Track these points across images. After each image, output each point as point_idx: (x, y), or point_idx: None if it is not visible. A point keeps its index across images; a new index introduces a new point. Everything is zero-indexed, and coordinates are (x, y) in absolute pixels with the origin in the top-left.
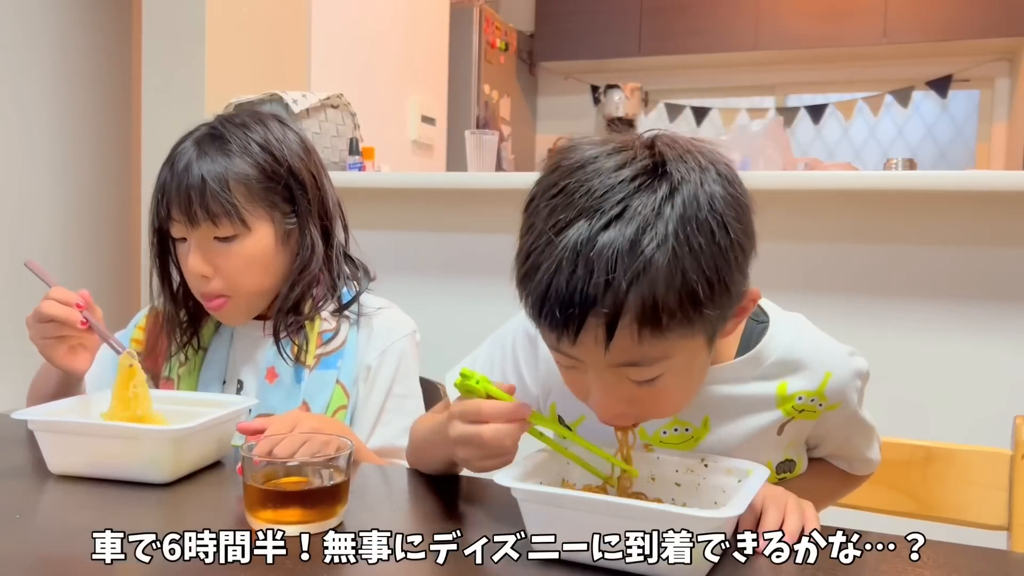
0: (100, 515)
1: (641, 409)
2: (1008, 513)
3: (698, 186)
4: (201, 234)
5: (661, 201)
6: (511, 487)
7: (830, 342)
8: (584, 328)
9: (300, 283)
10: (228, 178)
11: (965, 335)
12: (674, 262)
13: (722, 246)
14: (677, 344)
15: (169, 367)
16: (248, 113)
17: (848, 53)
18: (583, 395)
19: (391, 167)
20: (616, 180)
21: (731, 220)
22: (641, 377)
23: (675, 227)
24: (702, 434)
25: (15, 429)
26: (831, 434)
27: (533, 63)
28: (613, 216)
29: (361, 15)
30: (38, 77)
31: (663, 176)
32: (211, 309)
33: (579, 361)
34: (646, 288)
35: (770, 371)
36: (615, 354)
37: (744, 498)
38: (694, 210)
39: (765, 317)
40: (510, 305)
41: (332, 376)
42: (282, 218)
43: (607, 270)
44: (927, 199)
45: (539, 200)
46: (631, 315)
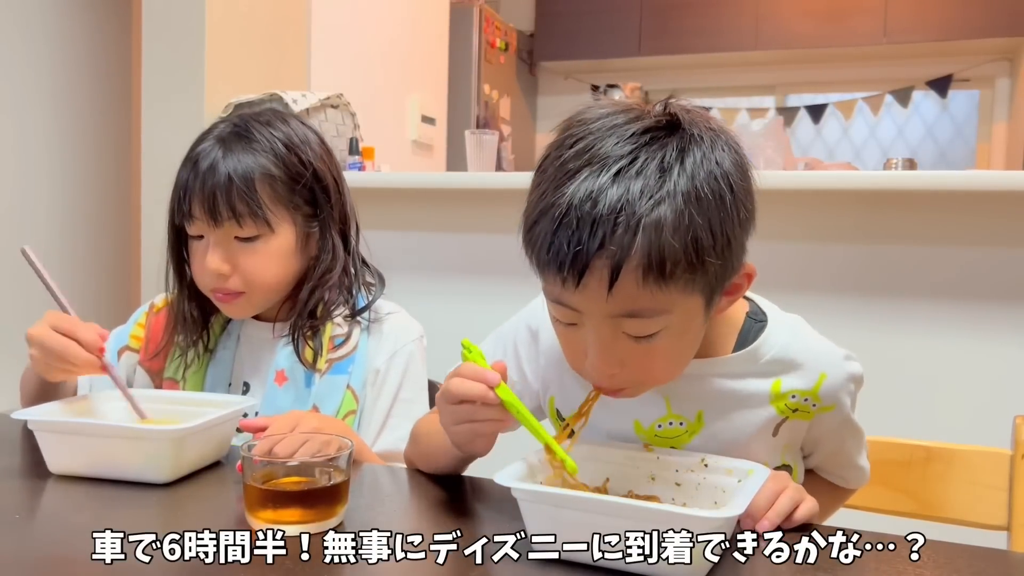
0: (100, 515)
1: (633, 372)
2: (1008, 513)
3: (708, 147)
4: (222, 233)
5: (672, 155)
6: (511, 487)
7: (827, 344)
8: (589, 270)
9: (321, 287)
10: (254, 177)
11: (965, 335)
12: (682, 211)
13: (728, 204)
14: (677, 300)
15: (174, 367)
16: (270, 111)
17: (848, 53)
18: (579, 361)
19: (391, 167)
20: (627, 133)
21: (737, 183)
22: (639, 331)
23: (685, 180)
24: (696, 428)
25: (15, 429)
26: (825, 438)
27: (533, 63)
28: (624, 166)
29: (361, 15)
30: (38, 77)
31: (675, 133)
32: (220, 302)
33: (578, 314)
34: (653, 233)
35: (766, 368)
36: (617, 301)
37: (744, 498)
38: (704, 166)
39: (764, 316)
40: (510, 304)
41: (343, 381)
42: (304, 220)
43: (616, 213)
44: (927, 199)
45: (549, 159)
46: (637, 259)
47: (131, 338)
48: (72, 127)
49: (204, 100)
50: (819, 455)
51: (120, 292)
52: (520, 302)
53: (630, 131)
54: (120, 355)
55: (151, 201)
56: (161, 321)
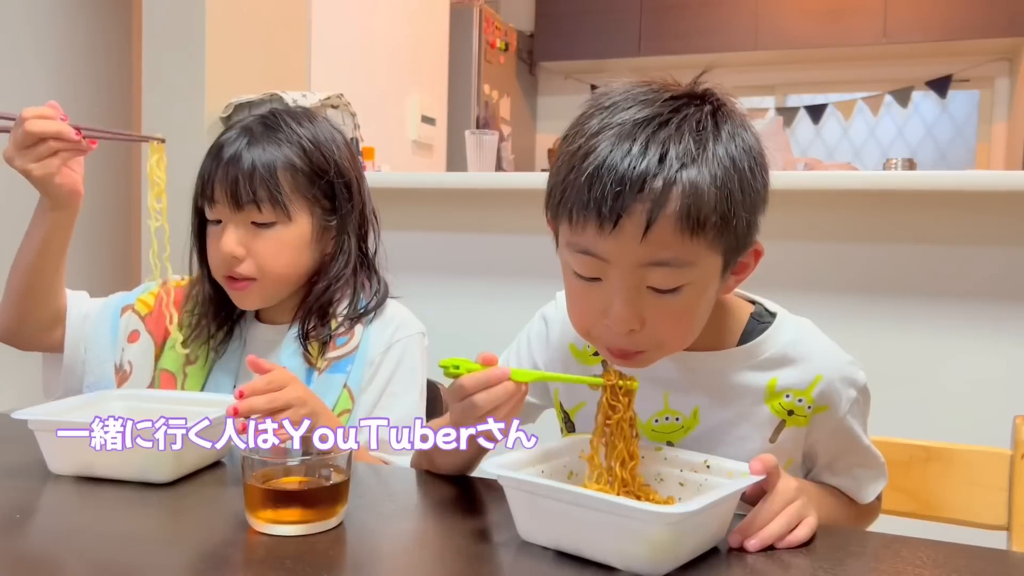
0: (100, 515)
1: (652, 330)
2: (1008, 513)
3: (739, 122)
4: (241, 217)
5: (708, 121)
6: (497, 474)
7: (832, 348)
8: (627, 213)
9: (334, 284)
10: (276, 166)
11: (965, 335)
12: (718, 168)
13: (755, 172)
14: (703, 255)
15: (171, 358)
16: (302, 110)
17: (848, 53)
18: (594, 320)
19: (391, 167)
20: (661, 99)
21: (759, 157)
22: (665, 283)
23: (722, 144)
24: (692, 424)
25: (15, 429)
26: (820, 443)
27: (533, 63)
28: (661, 122)
29: (361, 15)
30: (38, 77)
31: (706, 102)
32: (232, 289)
33: (604, 265)
34: (691, 184)
35: (765, 363)
36: (649, 247)
37: (707, 500)
38: (738, 136)
39: (769, 318)
40: (510, 304)
41: (340, 380)
42: (322, 214)
43: (658, 161)
44: (927, 199)
45: (575, 130)
46: (674, 205)
47: (138, 301)
48: None
49: (204, 100)
50: (818, 465)
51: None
52: (520, 302)
53: (664, 96)
54: (123, 313)
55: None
56: (177, 297)
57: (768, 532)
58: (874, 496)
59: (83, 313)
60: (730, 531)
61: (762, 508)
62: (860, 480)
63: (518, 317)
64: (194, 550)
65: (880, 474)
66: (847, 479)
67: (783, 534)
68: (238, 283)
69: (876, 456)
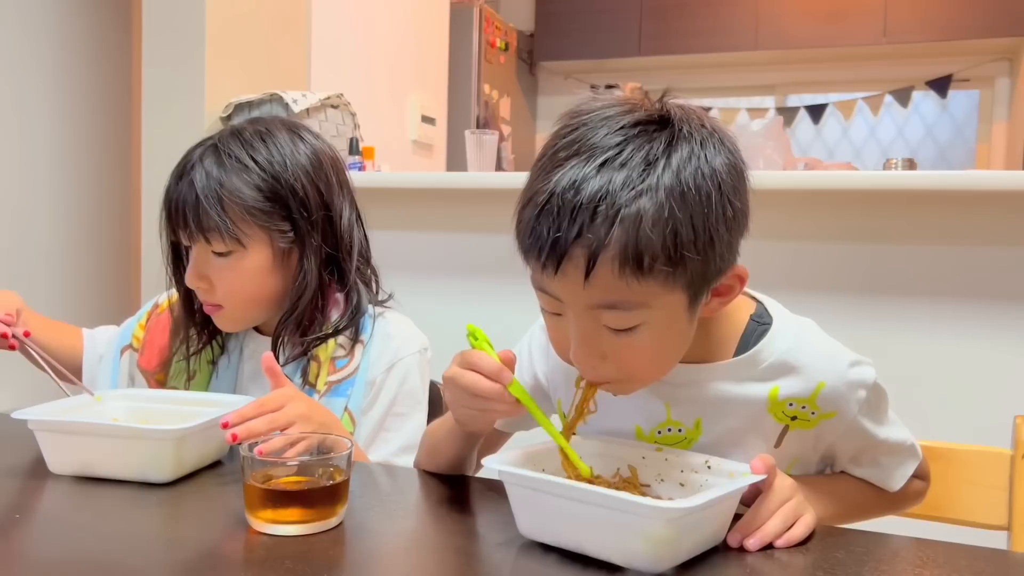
0: (100, 515)
1: (615, 366)
2: (1008, 513)
3: (698, 144)
4: (200, 247)
5: (660, 149)
6: (498, 468)
7: (832, 350)
8: (567, 258)
9: (300, 305)
10: (222, 196)
11: (965, 335)
12: (663, 204)
13: (712, 201)
14: (657, 295)
15: (175, 378)
16: (261, 125)
17: (848, 53)
18: (565, 351)
19: (391, 167)
20: (618, 125)
21: (725, 181)
22: (618, 324)
23: (670, 174)
24: (695, 436)
25: (15, 429)
26: (837, 444)
27: (533, 63)
28: (609, 157)
29: (361, 15)
30: (38, 77)
31: (666, 127)
32: (208, 314)
33: (560, 303)
34: (632, 225)
35: (765, 373)
36: (594, 291)
37: (707, 496)
38: (691, 163)
39: (769, 319)
40: (510, 304)
41: (341, 404)
42: (281, 236)
43: (597, 202)
44: (927, 199)
45: (545, 149)
46: (614, 250)
47: (133, 338)
48: (72, 127)
49: (204, 100)
50: (840, 463)
51: (120, 292)
52: (520, 302)
53: (621, 123)
54: (123, 353)
55: (151, 202)
56: (162, 323)
57: (766, 530)
58: (903, 482)
59: (98, 355)
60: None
61: (759, 507)
62: (886, 468)
63: (518, 317)
64: (194, 550)
65: (908, 457)
66: (873, 469)
67: (780, 532)
68: (210, 307)
69: (901, 442)
